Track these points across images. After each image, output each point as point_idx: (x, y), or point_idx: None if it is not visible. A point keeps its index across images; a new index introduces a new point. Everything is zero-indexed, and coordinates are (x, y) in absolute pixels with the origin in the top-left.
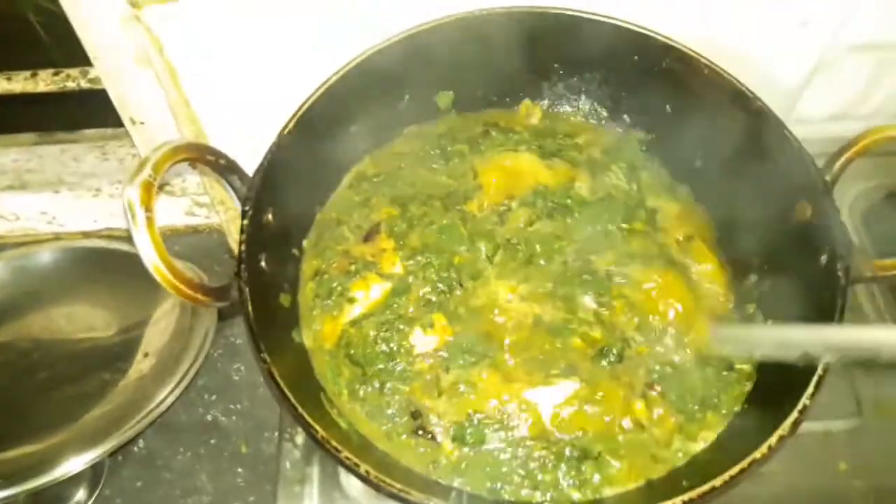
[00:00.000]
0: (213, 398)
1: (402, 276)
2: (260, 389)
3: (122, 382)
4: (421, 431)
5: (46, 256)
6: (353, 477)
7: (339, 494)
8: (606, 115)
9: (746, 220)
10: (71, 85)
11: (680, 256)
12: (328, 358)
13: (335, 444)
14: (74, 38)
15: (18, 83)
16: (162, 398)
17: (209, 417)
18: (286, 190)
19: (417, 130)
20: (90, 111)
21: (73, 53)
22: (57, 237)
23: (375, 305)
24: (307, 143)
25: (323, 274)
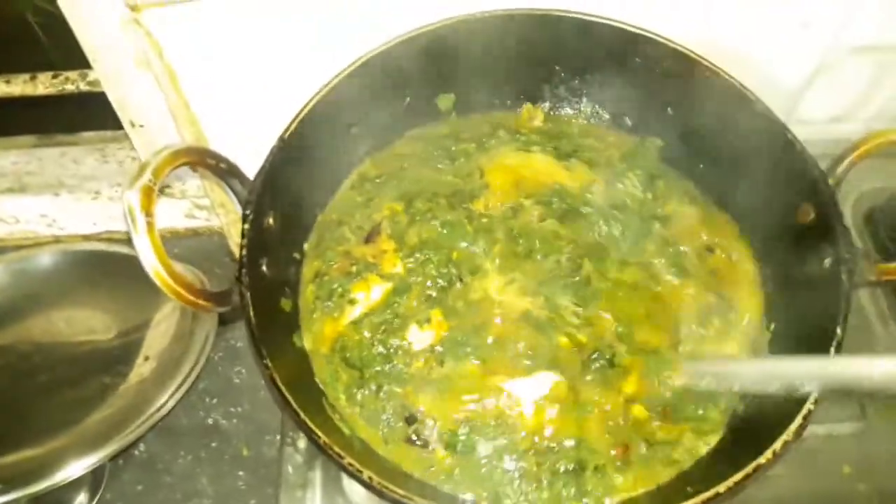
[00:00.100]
0: (213, 401)
1: (402, 276)
2: (261, 393)
3: (122, 386)
4: (415, 437)
5: (46, 259)
6: (355, 482)
7: (341, 500)
8: (608, 117)
9: (747, 222)
10: (70, 88)
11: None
12: (325, 363)
13: (338, 449)
14: (73, 38)
15: (17, 86)
16: (163, 402)
17: (210, 421)
18: (287, 193)
19: (419, 133)
20: (89, 113)
21: (72, 54)
22: (57, 240)
23: (376, 306)
24: (308, 146)
25: (323, 275)
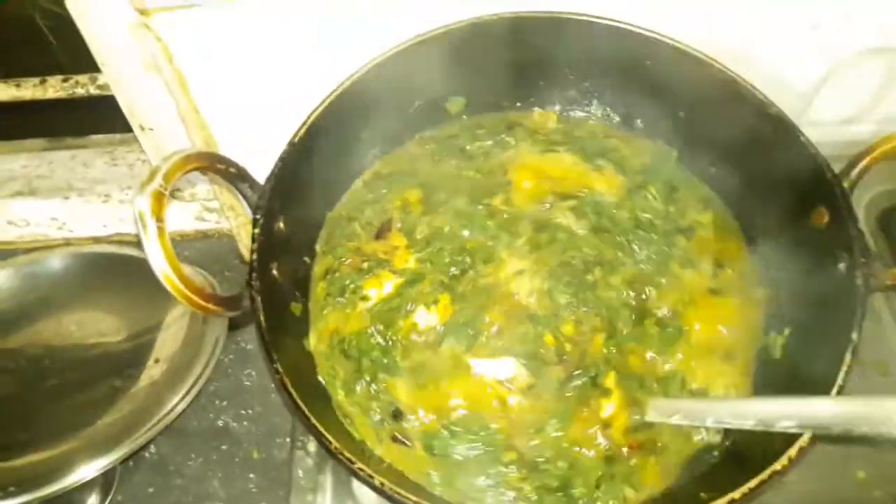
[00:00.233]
0: (224, 404)
1: (414, 269)
2: (271, 395)
3: (133, 389)
4: (398, 435)
5: (57, 262)
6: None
7: (351, 503)
8: (619, 120)
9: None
10: (80, 91)
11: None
12: (325, 359)
13: (348, 454)
14: (82, 41)
15: (28, 90)
16: (173, 404)
17: (220, 423)
18: (297, 197)
19: (430, 134)
20: (99, 116)
21: (81, 56)
22: (67, 243)
23: (387, 298)
24: (318, 150)
25: (334, 272)
